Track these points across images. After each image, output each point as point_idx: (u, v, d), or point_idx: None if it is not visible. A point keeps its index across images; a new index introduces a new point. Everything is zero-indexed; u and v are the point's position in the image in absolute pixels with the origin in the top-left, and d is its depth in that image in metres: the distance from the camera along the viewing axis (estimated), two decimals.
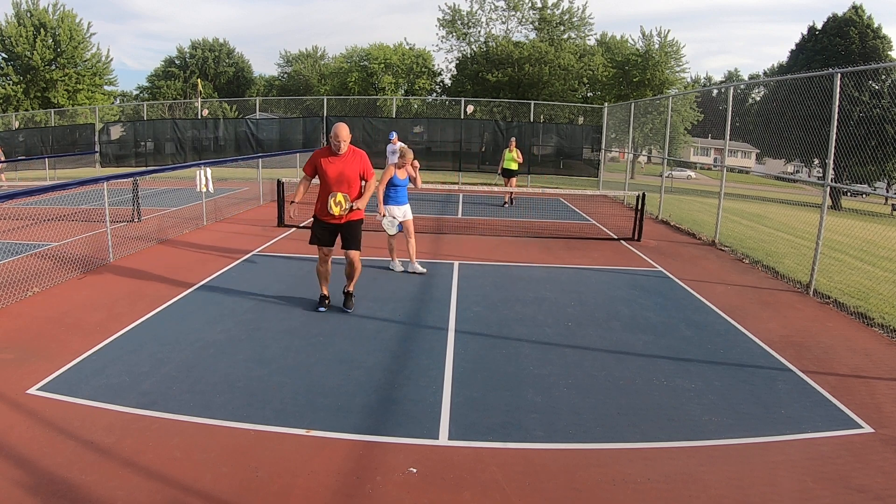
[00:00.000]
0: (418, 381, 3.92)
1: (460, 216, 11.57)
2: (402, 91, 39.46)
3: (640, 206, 9.29)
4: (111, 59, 34.44)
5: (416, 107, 36.93)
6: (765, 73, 47.64)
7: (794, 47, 34.47)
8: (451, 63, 43.70)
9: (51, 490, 2.66)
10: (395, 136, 11.75)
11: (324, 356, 4.27)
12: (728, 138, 9.44)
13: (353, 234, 5.00)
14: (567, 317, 5.37)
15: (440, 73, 40.14)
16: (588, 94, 36.97)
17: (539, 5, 35.79)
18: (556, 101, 29.91)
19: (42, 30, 30.27)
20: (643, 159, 27.56)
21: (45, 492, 2.65)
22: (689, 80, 42.30)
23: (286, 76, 46.23)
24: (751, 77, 49.91)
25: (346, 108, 33.89)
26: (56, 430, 3.18)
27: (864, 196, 26.75)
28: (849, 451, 3.21)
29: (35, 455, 2.93)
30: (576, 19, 36.03)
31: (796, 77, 8.27)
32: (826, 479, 2.93)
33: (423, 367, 4.13)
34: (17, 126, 22.87)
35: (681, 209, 14.07)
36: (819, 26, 32.78)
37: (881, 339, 5.14)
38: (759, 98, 26.34)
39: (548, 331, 4.98)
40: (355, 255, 5.05)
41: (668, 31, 38.07)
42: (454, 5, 36.19)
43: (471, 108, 19.70)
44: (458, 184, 16.19)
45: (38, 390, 3.63)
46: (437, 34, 37.57)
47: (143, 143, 19.41)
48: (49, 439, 3.09)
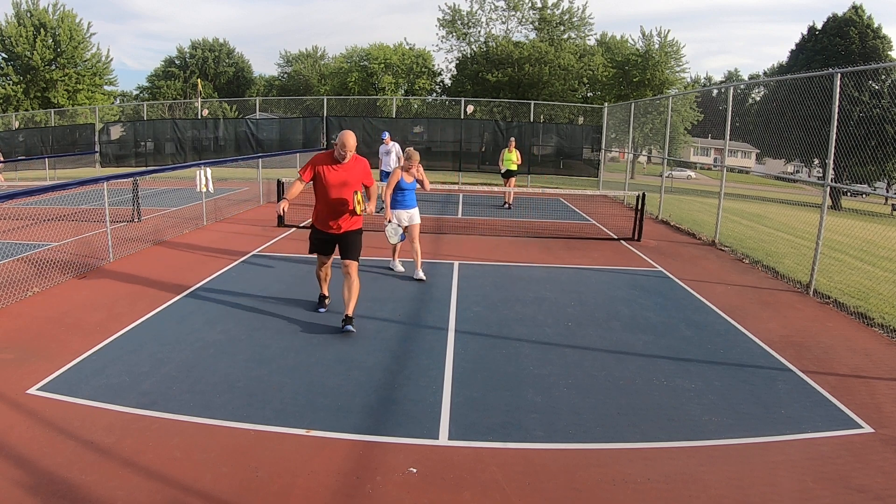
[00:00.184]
0: (418, 381, 3.92)
1: (460, 216, 11.57)
2: (402, 91, 39.47)
3: (640, 206, 9.30)
4: (111, 59, 34.51)
5: (416, 107, 36.92)
6: (765, 73, 47.70)
7: (794, 47, 34.56)
8: (451, 63, 43.79)
9: (51, 490, 2.66)
10: (387, 136, 11.67)
11: (324, 356, 4.27)
12: (728, 138, 9.44)
13: (353, 245, 4.83)
14: (567, 317, 5.37)
15: (440, 73, 40.20)
16: (588, 94, 36.98)
17: (539, 5, 35.80)
18: (556, 101, 29.91)
19: (42, 30, 30.29)
20: (644, 159, 27.56)
21: (45, 492, 2.65)
22: (689, 80, 42.32)
23: (286, 76, 46.24)
24: (751, 77, 49.93)
25: (346, 108, 33.90)
26: (56, 430, 3.18)
27: (864, 196, 26.74)
28: (849, 451, 3.21)
29: (35, 455, 2.93)
30: (576, 19, 36.05)
31: (796, 77, 8.27)
32: (826, 479, 2.93)
33: (423, 367, 4.13)
34: (17, 126, 22.87)
35: (681, 209, 14.08)
36: (819, 26, 32.81)
37: (881, 339, 5.14)
38: (759, 98, 26.34)
39: (548, 331, 4.98)
40: (354, 267, 4.80)
41: (668, 31, 38.13)
42: (454, 5, 36.24)
43: (471, 108, 19.70)
44: (458, 184, 16.18)
45: (38, 390, 3.63)
46: (437, 34, 37.65)
47: (143, 143, 19.41)
48: (49, 439, 3.09)
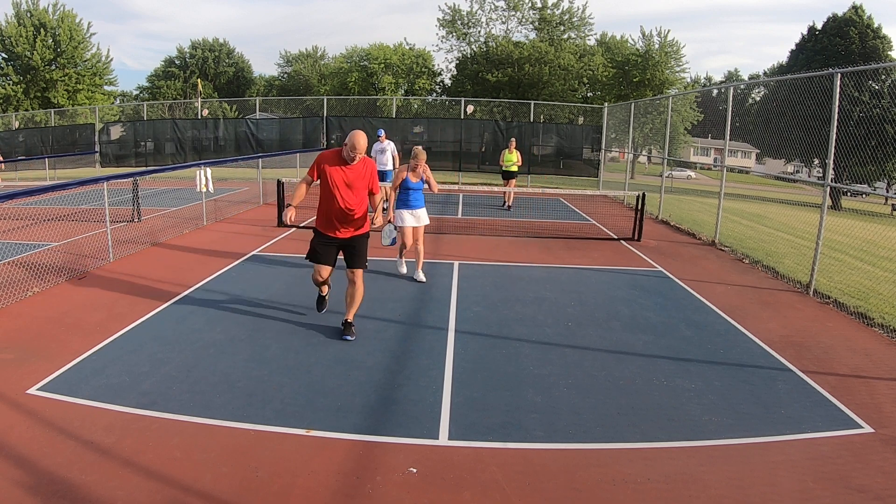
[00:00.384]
0: (418, 381, 3.92)
1: (460, 216, 11.57)
2: (402, 91, 39.47)
3: (640, 206, 9.30)
4: (111, 59, 34.51)
5: (416, 107, 36.91)
6: (765, 73, 47.73)
7: (794, 47, 34.57)
8: (451, 63, 43.78)
9: (51, 490, 2.66)
10: (382, 133, 11.57)
11: (324, 356, 4.27)
12: (728, 138, 9.44)
13: (360, 251, 4.56)
14: (567, 317, 5.37)
15: (440, 73, 40.20)
16: (588, 94, 36.98)
17: (539, 5, 35.81)
18: (556, 101, 29.91)
19: (42, 30, 30.29)
20: (644, 159, 27.56)
21: (45, 492, 2.65)
22: (689, 80, 42.32)
23: (286, 76, 46.24)
24: (751, 77, 49.94)
25: (346, 108, 33.90)
26: (56, 430, 3.18)
27: (864, 196, 26.74)
28: (849, 451, 3.21)
29: (35, 455, 2.93)
30: (576, 19, 36.05)
31: (796, 77, 8.26)
32: (826, 479, 2.93)
33: (423, 367, 4.13)
34: (17, 126, 22.87)
35: (681, 209, 14.08)
36: (819, 26, 32.82)
37: (881, 339, 5.14)
38: (759, 98, 26.35)
39: (548, 331, 4.98)
40: (360, 275, 4.61)
41: (668, 31, 38.11)
42: (454, 5, 36.24)
43: (471, 108, 19.69)
44: (458, 184, 16.18)
45: (38, 390, 3.63)
46: (437, 34, 37.66)
47: (143, 143, 19.41)
48: (49, 439, 3.09)
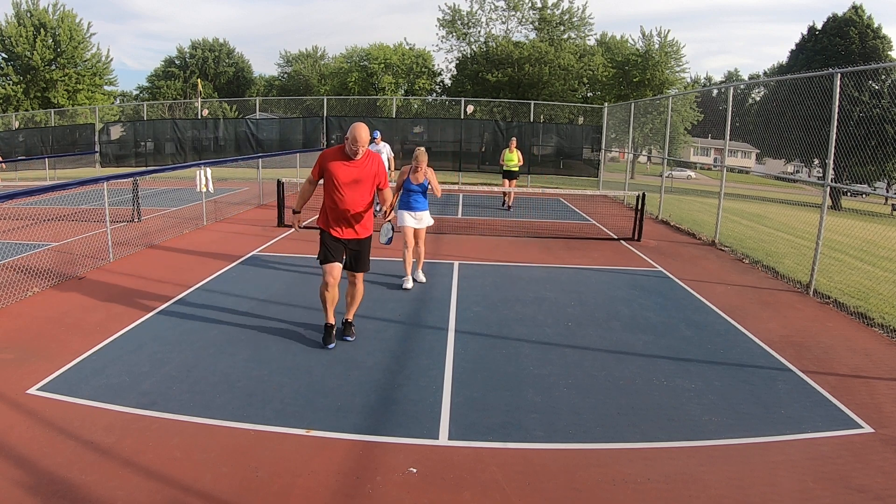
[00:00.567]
0: (418, 381, 3.92)
1: (460, 216, 11.57)
2: (402, 91, 39.46)
3: (640, 206, 9.30)
4: (111, 59, 34.51)
5: (416, 107, 36.92)
6: (765, 73, 47.71)
7: (794, 47, 34.56)
8: (451, 63, 43.78)
9: (51, 490, 2.66)
10: (378, 135, 11.50)
11: (324, 356, 4.27)
12: (728, 138, 9.44)
13: (364, 255, 4.52)
14: (567, 317, 5.37)
15: (440, 73, 40.18)
16: (588, 94, 36.97)
17: (539, 5, 35.80)
18: (556, 101, 29.91)
19: (42, 30, 30.28)
20: (644, 159, 27.55)
21: (45, 492, 2.65)
22: (689, 80, 42.32)
23: (286, 76, 46.23)
24: (751, 77, 49.94)
25: (346, 108, 33.90)
26: (56, 430, 3.18)
27: (864, 196, 26.74)
28: (849, 451, 3.21)
29: (35, 455, 2.93)
30: (576, 19, 36.05)
31: (796, 77, 8.26)
32: (826, 479, 2.93)
33: (423, 367, 4.13)
34: (17, 126, 22.87)
35: (681, 209, 14.07)
36: (819, 26, 32.81)
37: (881, 339, 5.14)
38: (759, 98, 26.34)
39: (548, 331, 4.98)
40: (361, 277, 4.61)
41: (668, 31, 38.13)
42: (454, 5, 36.24)
43: (471, 108, 19.70)
44: (458, 184, 16.18)
45: (38, 390, 3.63)
46: (437, 34, 37.65)
47: (143, 143, 19.41)
48: (49, 439, 3.09)
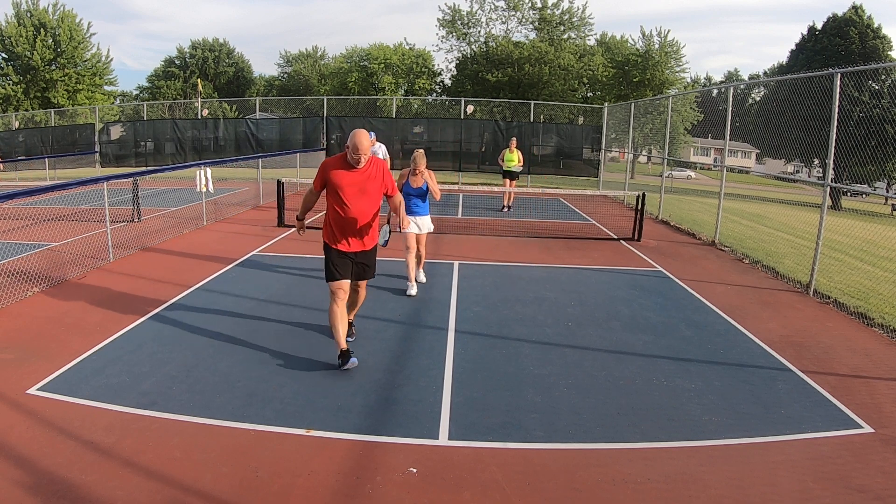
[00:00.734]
0: (418, 381, 3.92)
1: (460, 216, 11.57)
2: (402, 91, 39.45)
3: (640, 206, 9.30)
4: (111, 59, 34.50)
5: (416, 107, 36.91)
6: (765, 73, 47.70)
7: (794, 47, 34.54)
8: (451, 63, 43.75)
9: (51, 490, 2.66)
10: (373, 136, 11.48)
11: (324, 356, 4.27)
12: (728, 138, 9.44)
13: (371, 267, 4.39)
14: (567, 317, 5.37)
15: (440, 73, 40.16)
16: (588, 94, 36.96)
17: (539, 5, 35.79)
18: (556, 101, 29.90)
19: (42, 30, 30.27)
20: (644, 159, 27.55)
21: (45, 492, 2.65)
22: (689, 80, 42.31)
23: (286, 76, 46.20)
24: (751, 77, 49.93)
25: (346, 108, 33.90)
26: (56, 430, 3.18)
27: (864, 196, 26.74)
28: (849, 451, 3.21)
29: (35, 455, 2.93)
30: (576, 19, 36.03)
31: (796, 77, 8.26)
32: (826, 479, 2.93)
33: (423, 367, 4.13)
34: (17, 126, 22.87)
35: (681, 209, 14.07)
36: (819, 26, 32.80)
37: (881, 339, 5.14)
38: (759, 98, 26.35)
39: (548, 331, 4.98)
40: (365, 284, 4.52)
41: (668, 31, 38.14)
42: (454, 5, 36.22)
43: (471, 108, 19.69)
44: (458, 184, 16.18)
45: (38, 390, 3.63)
46: (437, 34, 37.62)
47: (143, 143, 19.40)
48: (49, 439, 3.09)
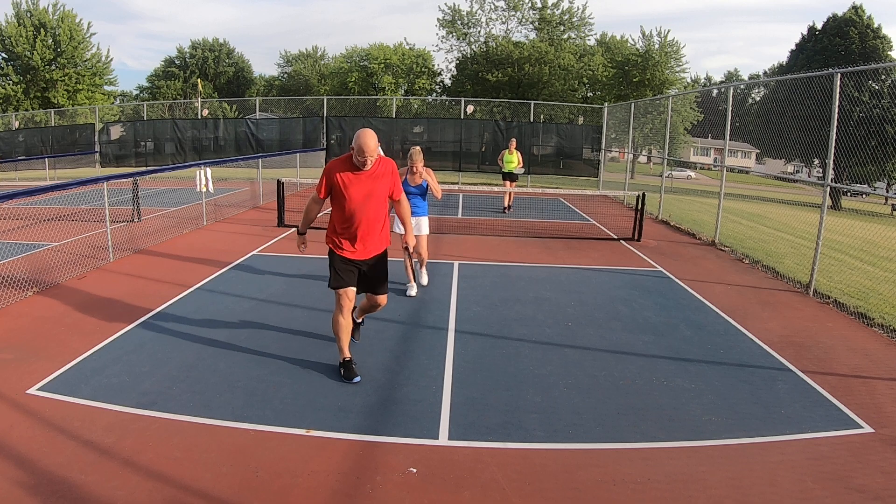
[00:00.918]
0: (418, 381, 3.92)
1: (460, 216, 11.57)
2: (402, 91, 39.46)
3: (640, 206, 9.29)
4: (111, 59, 34.49)
5: (416, 107, 36.91)
6: (765, 73, 47.70)
7: (793, 47, 34.50)
8: (451, 63, 43.84)
9: (51, 490, 2.66)
10: None
11: (324, 356, 4.27)
12: (728, 138, 9.44)
13: (383, 275, 4.03)
14: (567, 317, 5.37)
15: (440, 73, 40.19)
16: (588, 94, 36.97)
17: (539, 5, 35.83)
18: (556, 101, 29.91)
19: (42, 30, 30.28)
20: (644, 159, 27.54)
21: (45, 492, 2.65)
22: (689, 80, 42.33)
23: (286, 76, 46.21)
24: (750, 77, 49.93)
25: (346, 108, 33.90)
26: (56, 430, 3.18)
27: (864, 196, 26.73)
28: (849, 451, 3.21)
29: (35, 455, 2.93)
30: (576, 19, 36.08)
31: (796, 77, 8.25)
32: (826, 479, 2.93)
33: (423, 367, 4.13)
34: (17, 126, 22.87)
35: (681, 209, 14.07)
36: (819, 26, 32.78)
37: (881, 339, 5.14)
38: (758, 98, 26.35)
39: (548, 331, 4.97)
40: (384, 301, 4.11)
41: (668, 31, 38.17)
42: (454, 5, 36.27)
43: (471, 108, 19.71)
44: (458, 184, 16.18)
45: (38, 390, 3.63)
46: (437, 34, 37.71)
47: (143, 143, 19.41)
48: (49, 439, 3.09)
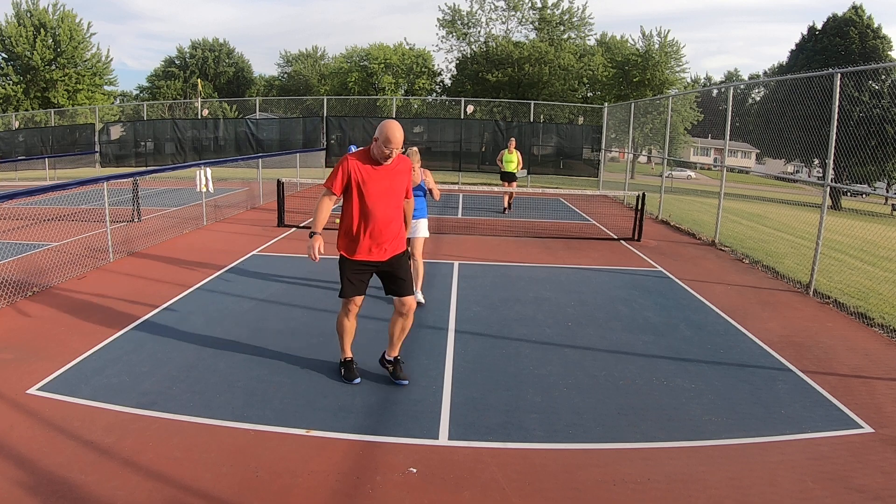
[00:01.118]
0: (418, 381, 3.92)
1: (460, 216, 11.57)
2: (402, 91, 39.47)
3: (640, 206, 9.30)
4: (111, 59, 34.50)
5: (416, 107, 36.91)
6: (765, 73, 47.69)
7: (793, 47, 34.51)
8: (451, 63, 43.83)
9: (51, 490, 2.66)
10: (353, 149, 11.39)
11: (324, 356, 4.27)
12: (728, 138, 9.44)
13: (406, 273, 3.76)
14: (567, 317, 5.37)
15: (440, 73, 40.20)
16: (588, 94, 36.97)
17: (539, 5, 35.82)
18: (556, 101, 29.90)
19: (42, 30, 30.29)
20: (644, 159, 27.54)
21: (45, 492, 2.65)
22: (689, 80, 42.34)
23: (286, 76, 46.22)
24: (750, 77, 49.92)
25: (346, 109, 33.89)
26: (56, 430, 3.18)
27: (864, 196, 26.73)
28: (849, 451, 3.20)
29: (35, 455, 2.93)
30: (576, 19, 36.08)
31: (796, 77, 8.26)
32: (826, 479, 2.93)
33: (423, 367, 4.13)
34: (17, 126, 22.87)
35: (681, 209, 14.07)
36: (819, 26, 32.79)
37: (881, 339, 5.14)
38: (758, 98, 26.36)
39: (548, 331, 4.97)
40: (413, 303, 3.78)
41: (668, 31, 38.14)
42: (454, 5, 36.26)
43: (471, 108, 19.71)
44: (458, 184, 16.18)
45: (38, 390, 3.63)
46: (437, 34, 37.69)
47: (143, 143, 19.43)
48: (49, 439, 3.09)
